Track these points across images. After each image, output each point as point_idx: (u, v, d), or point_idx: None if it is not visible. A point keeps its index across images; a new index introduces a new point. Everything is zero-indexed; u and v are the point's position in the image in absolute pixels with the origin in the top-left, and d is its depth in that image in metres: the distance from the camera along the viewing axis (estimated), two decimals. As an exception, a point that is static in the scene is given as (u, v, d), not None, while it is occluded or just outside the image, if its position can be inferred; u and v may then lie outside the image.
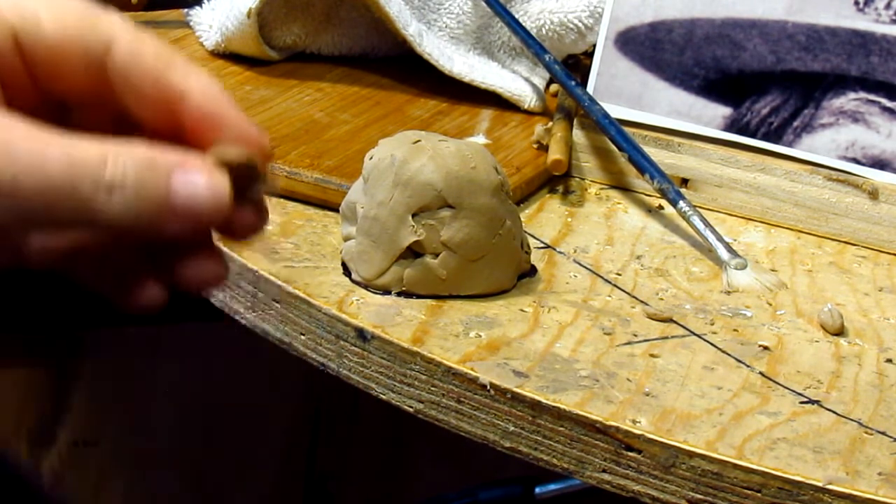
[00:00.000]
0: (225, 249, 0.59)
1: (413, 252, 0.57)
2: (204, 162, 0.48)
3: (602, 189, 0.71)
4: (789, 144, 0.69)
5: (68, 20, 0.48)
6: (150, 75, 0.49)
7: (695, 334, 0.57)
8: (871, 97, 0.67)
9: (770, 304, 0.60)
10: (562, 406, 0.50)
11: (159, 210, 0.47)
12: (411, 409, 0.54)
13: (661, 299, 0.60)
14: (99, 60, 0.48)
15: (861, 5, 0.68)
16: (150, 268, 0.51)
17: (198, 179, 0.47)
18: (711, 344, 0.56)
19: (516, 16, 0.78)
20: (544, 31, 0.80)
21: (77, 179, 0.45)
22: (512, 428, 0.51)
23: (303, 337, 0.56)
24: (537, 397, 0.51)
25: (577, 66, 0.83)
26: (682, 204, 0.65)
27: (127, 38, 0.48)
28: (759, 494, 0.48)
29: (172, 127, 0.50)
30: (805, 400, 0.53)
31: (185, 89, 0.49)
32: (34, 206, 0.45)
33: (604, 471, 0.50)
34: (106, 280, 0.51)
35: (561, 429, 0.50)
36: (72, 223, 0.47)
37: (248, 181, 0.49)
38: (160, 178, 0.47)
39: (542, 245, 0.64)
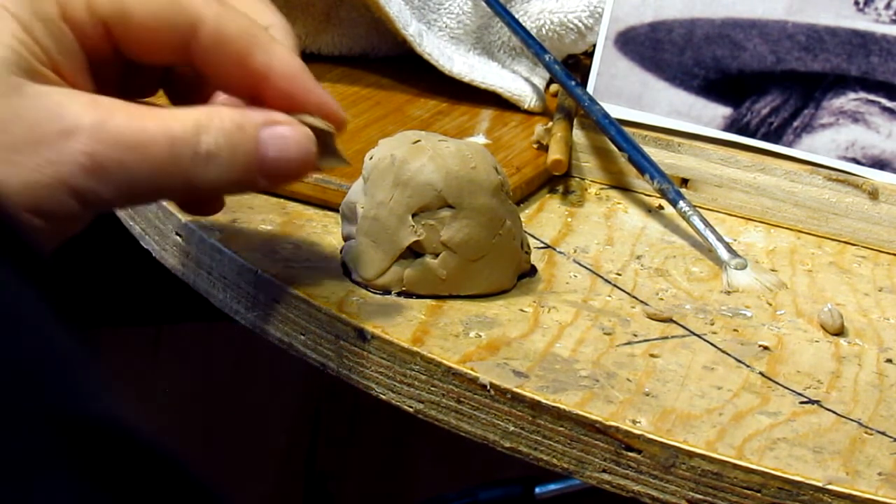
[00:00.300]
0: (226, 249, 0.59)
1: (413, 252, 0.57)
2: (288, 118, 0.51)
3: (602, 189, 0.71)
4: (789, 144, 0.69)
5: (155, 6, 0.50)
6: (234, 55, 0.51)
7: (695, 334, 0.57)
8: (871, 97, 0.67)
9: (770, 304, 0.60)
10: (562, 406, 0.50)
11: (250, 169, 0.50)
12: (411, 409, 0.54)
13: (661, 299, 0.60)
14: (185, 42, 0.50)
15: (861, 5, 0.68)
16: None
17: (285, 132, 0.50)
18: (711, 344, 0.56)
19: (516, 16, 0.78)
20: (544, 31, 0.80)
21: (177, 155, 0.48)
22: (512, 428, 0.51)
23: (303, 337, 0.56)
24: (537, 397, 0.51)
25: (577, 66, 0.83)
26: (682, 204, 0.65)
27: (212, 19, 0.50)
28: (759, 494, 0.48)
29: (254, 99, 0.52)
30: (805, 400, 0.53)
31: (269, 68, 0.51)
32: (140, 183, 0.48)
33: (604, 471, 0.50)
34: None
35: (561, 429, 0.50)
36: (171, 193, 0.51)
37: (323, 147, 0.52)
38: (249, 137, 0.50)
39: (542, 245, 0.64)
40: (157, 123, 0.48)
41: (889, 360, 0.56)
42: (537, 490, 0.92)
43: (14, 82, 0.46)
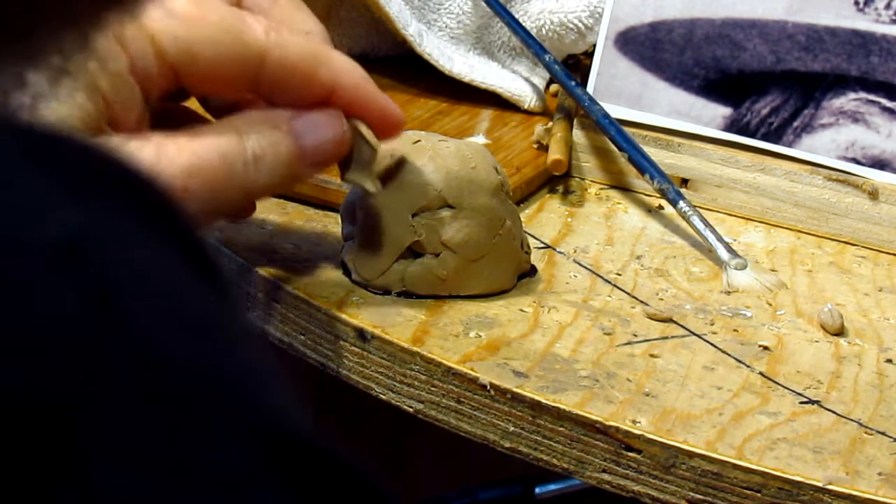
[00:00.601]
0: (226, 249, 0.59)
1: (413, 252, 0.57)
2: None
3: (602, 189, 0.71)
4: (789, 144, 0.69)
5: (221, 47, 0.51)
6: (301, 77, 0.52)
7: (695, 334, 0.57)
8: (871, 97, 0.67)
9: (770, 305, 0.60)
10: (562, 406, 0.50)
11: (294, 160, 0.51)
12: (411, 409, 0.54)
13: (661, 299, 0.60)
14: (253, 76, 0.52)
15: (861, 5, 0.68)
16: None
17: (313, 117, 0.52)
18: (711, 344, 0.56)
19: (516, 16, 0.78)
20: (544, 31, 0.80)
21: (231, 165, 0.50)
22: (512, 428, 0.51)
23: (302, 337, 0.56)
24: (537, 397, 0.51)
25: (577, 66, 0.83)
26: (682, 204, 0.65)
27: (276, 48, 0.52)
28: (758, 494, 0.48)
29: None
30: (805, 400, 0.53)
31: (335, 82, 0.53)
32: (204, 199, 0.49)
33: (604, 471, 0.50)
34: None
35: (561, 429, 0.50)
36: (231, 205, 0.53)
37: (359, 160, 0.54)
38: (284, 131, 0.51)
39: (542, 245, 0.64)
40: (205, 144, 0.49)
41: (889, 360, 0.56)
42: (537, 490, 0.92)
43: None
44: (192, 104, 0.58)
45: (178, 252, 0.25)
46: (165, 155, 0.48)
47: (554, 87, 0.80)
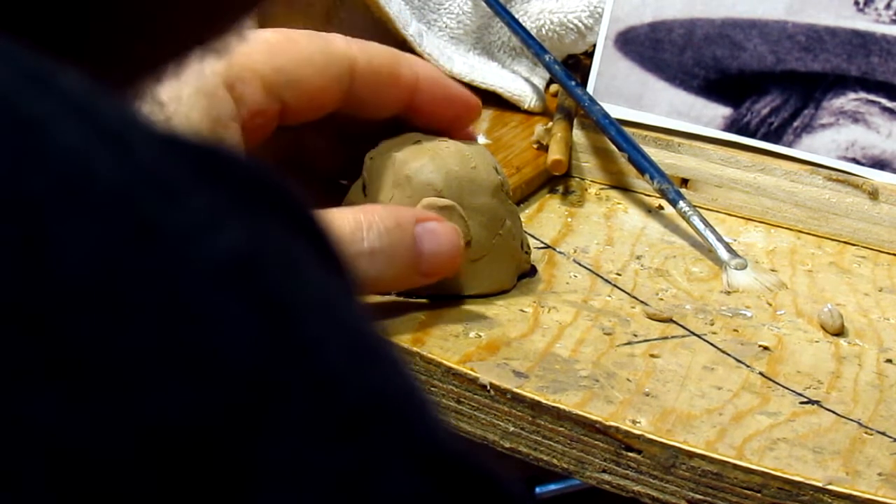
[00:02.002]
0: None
1: (413, 252, 0.57)
2: (434, 214, 0.54)
3: (602, 189, 0.71)
4: (789, 144, 0.69)
5: (318, 65, 0.53)
6: (388, 77, 0.55)
7: (695, 334, 0.57)
8: (871, 97, 0.67)
9: (770, 305, 0.60)
10: (562, 406, 0.50)
11: (409, 263, 0.52)
12: (411, 410, 0.54)
13: (661, 299, 0.60)
14: (347, 85, 0.54)
15: (861, 5, 0.68)
16: None
17: (436, 227, 0.53)
18: (711, 344, 0.56)
19: (516, 16, 0.78)
20: (544, 31, 0.80)
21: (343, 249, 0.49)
22: (512, 428, 0.51)
23: (303, 337, 0.56)
24: (537, 397, 0.51)
25: (577, 66, 0.83)
26: (681, 204, 0.65)
27: (361, 54, 0.54)
28: (758, 495, 0.48)
29: (407, 110, 0.56)
30: (805, 400, 0.53)
31: (416, 77, 0.55)
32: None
33: (604, 471, 0.50)
34: None
35: (561, 429, 0.50)
36: None
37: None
38: (407, 233, 0.52)
39: (542, 245, 0.64)
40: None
41: (889, 360, 0.56)
42: (537, 490, 0.92)
43: None
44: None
45: (335, 272, 0.25)
46: None
47: (554, 87, 0.80)
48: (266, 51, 0.52)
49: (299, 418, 0.21)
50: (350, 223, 0.50)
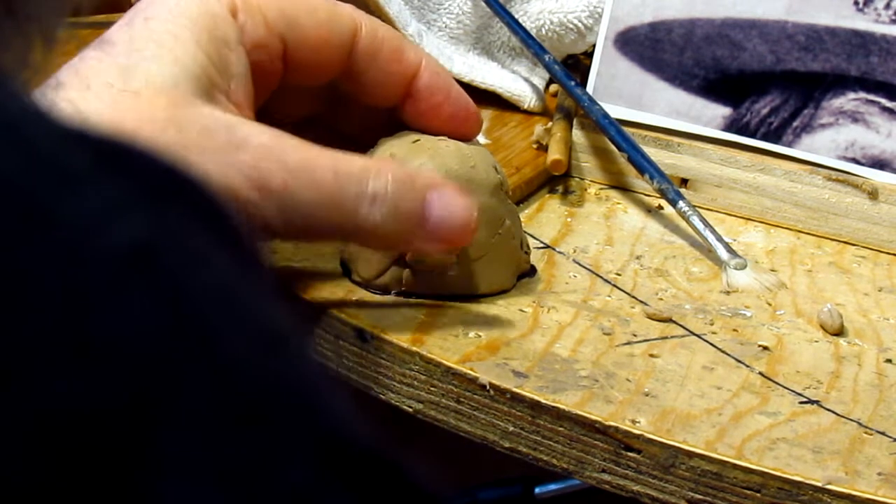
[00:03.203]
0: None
1: (413, 252, 0.57)
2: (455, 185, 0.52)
3: (602, 189, 0.71)
4: (789, 144, 0.69)
5: (321, 17, 0.52)
6: (391, 52, 0.54)
7: (694, 334, 0.57)
8: (871, 97, 0.67)
9: (770, 304, 0.60)
10: (561, 406, 0.50)
11: (412, 221, 0.50)
12: (411, 410, 0.54)
13: (661, 299, 0.60)
14: (349, 47, 0.53)
15: (861, 5, 0.68)
16: None
17: (452, 196, 0.51)
18: (711, 344, 0.56)
19: (516, 16, 0.78)
20: (544, 31, 0.80)
21: (343, 187, 0.48)
22: (511, 428, 0.51)
23: (302, 337, 0.56)
24: (537, 397, 0.51)
25: (576, 66, 0.83)
26: (681, 204, 0.65)
27: (367, 22, 0.53)
28: (758, 494, 0.48)
29: (405, 96, 0.55)
30: (805, 400, 0.53)
31: (419, 62, 0.54)
32: (302, 210, 0.48)
33: (603, 471, 0.50)
34: None
35: (560, 429, 0.50)
36: (332, 229, 0.50)
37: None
38: (418, 191, 0.50)
39: (541, 245, 0.64)
40: (325, 157, 0.48)
41: (889, 360, 0.56)
42: (537, 490, 0.92)
43: (190, 100, 0.47)
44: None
45: (236, 259, 0.24)
46: (280, 146, 0.47)
47: (554, 87, 0.80)
48: None
49: (198, 408, 0.21)
50: (359, 166, 0.49)
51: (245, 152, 0.46)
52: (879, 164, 0.67)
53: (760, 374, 0.54)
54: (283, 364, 0.23)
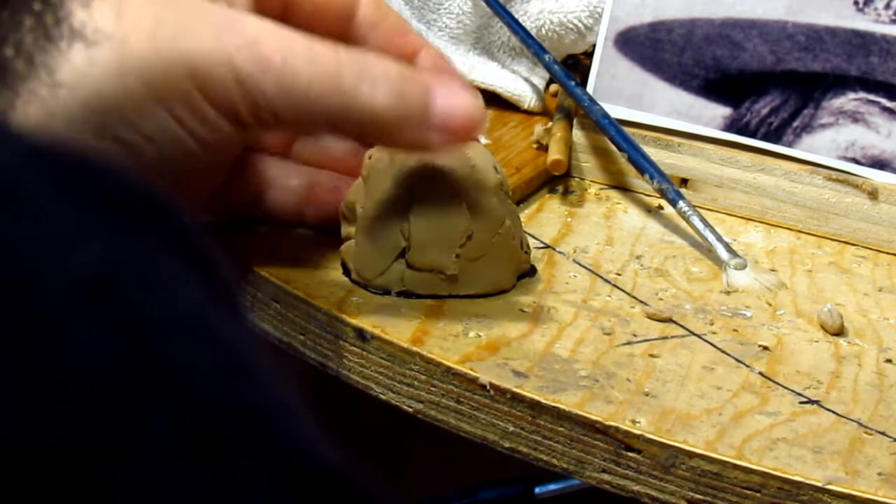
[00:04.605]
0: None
1: (413, 252, 0.56)
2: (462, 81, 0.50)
3: (602, 189, 0.71)
4: (789, 144, 0.69)
5: None
6: (394, 27, 0.53)
7: (694, 334, 0.57)
8: (871, 97, 0.67)
9: (770, 304, 0.60)
10: (561, 406, 0.50)
11: (417, 107, 0.47)
12: (411, 410, 0.54)
13: (661, 299, 0.60)
14: (349, 15, 0.52)
15: (861, 5, 0.68)
16: None
17: (457, 86, 0.48)
18: (711, 344, 0.56)
19: (516, 16, 0.78)
20: (544, 31, 0.80)
21: (343, 64, 0.46)
22: (511, 428, 0.51)
23: (302, 337, 0.56)
24: (537, 397, 0.51)
25: (576, 66, 0.83)
26: (681, 204, 0.65)
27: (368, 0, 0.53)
28: (758, 494, 0.48)
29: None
30: (805, 400, 0.53)
31: (422, 42, 0.54)
32: (301, 87, 0.46)
33: (603, 471, 0.50)
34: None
35: (560, 429, 0.50)
36: (331, 112, 0.47)
37: None
38: (421, 80, 0.48)
39: (541, 245, 0.64)
40: (328, 44, 0.46)
41: (889, 360, 0.56)
42: (537, 490, 0.92)
43: None
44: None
45: (205, 284, 0.24)
46: (280, 28, 0.46)
47: (554, 87, 0.80)
48: None
49: (159, 438, 0.20)
50: (357, 54, 0.47)
51: (245, 25, 0.45)
52: (879, 164, 0.67)
53: (760, 374, 0.54)
54: (248, 390, 0.22)
